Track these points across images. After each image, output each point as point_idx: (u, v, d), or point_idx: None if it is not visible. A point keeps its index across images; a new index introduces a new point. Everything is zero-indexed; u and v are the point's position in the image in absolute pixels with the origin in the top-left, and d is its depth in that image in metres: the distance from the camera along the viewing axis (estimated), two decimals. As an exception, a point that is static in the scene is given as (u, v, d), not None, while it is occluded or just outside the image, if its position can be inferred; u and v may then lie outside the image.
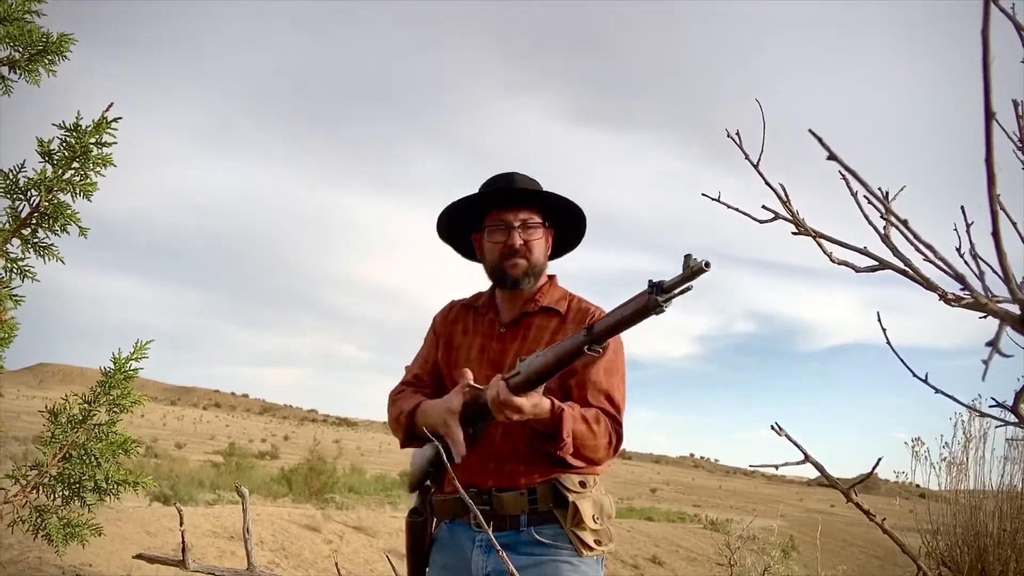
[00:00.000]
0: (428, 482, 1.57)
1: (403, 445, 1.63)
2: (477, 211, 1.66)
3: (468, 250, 1.76)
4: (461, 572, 1.49)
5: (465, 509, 1.52)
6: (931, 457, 3.82)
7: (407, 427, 1.59)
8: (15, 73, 1.52)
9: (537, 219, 1.62)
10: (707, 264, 1.10)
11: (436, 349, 1.71)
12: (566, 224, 1.70)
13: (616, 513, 1.94)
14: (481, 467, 1.51)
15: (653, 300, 1.18)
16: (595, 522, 1.47)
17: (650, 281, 1.19)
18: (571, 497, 1.46)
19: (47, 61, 1.52)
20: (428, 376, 1.70)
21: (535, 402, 1.38)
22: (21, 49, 1.50)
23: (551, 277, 1.70)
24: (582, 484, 1.49)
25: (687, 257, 1.12)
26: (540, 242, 1.63)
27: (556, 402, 1.43)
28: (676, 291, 1.17)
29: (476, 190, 1.67)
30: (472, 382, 1.46)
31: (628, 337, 1.61)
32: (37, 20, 1.51)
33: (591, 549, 1.45)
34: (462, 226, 1.71)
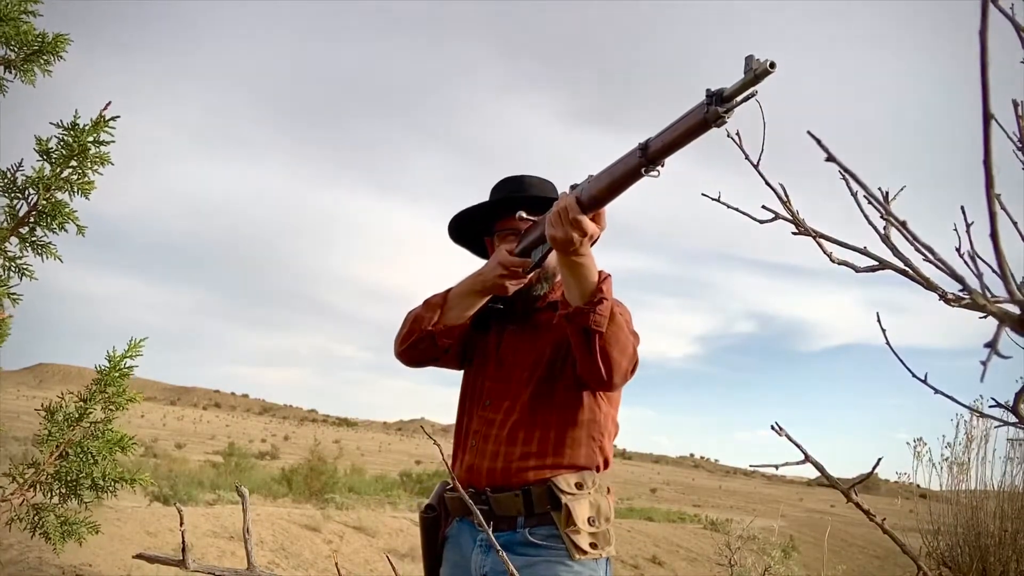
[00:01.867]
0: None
1: (430, 333, 1.55)
2: (486, 218, 1.66)
3: (481, 249, 1.77)
4: (463, 571, 1.50)
5: (469, 508, 1.52)
6: (933, 457, 3.83)
7: (442, 306, 1.55)
8: (11, 73, 1.52)
9: None
10: (772, 65, 0.95)
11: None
12: None
13: (616, 513, 1.93)
14: (476, 466, 1.51)
15: (713, 112, 1.02)
16: (590, 524, 1.44)
17: (708, 90, 1.04)
18: (564, 499, 1.44)
19: (43, 61, 1.52)
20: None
21: (594, 230, 1.27)
22: (16, 49, 1.50)
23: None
24: (578, 486, 1.47)
25: (748, 59, 0.97)
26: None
27: None
28: (738, 98, 1.01)
29: (477, 191, 1.69)
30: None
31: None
32: (33, 20, 1.50)
33: (585, 552, 1.42)
34: (474, 229, 1.71)
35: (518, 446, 1.49)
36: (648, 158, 1.16)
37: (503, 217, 1.62)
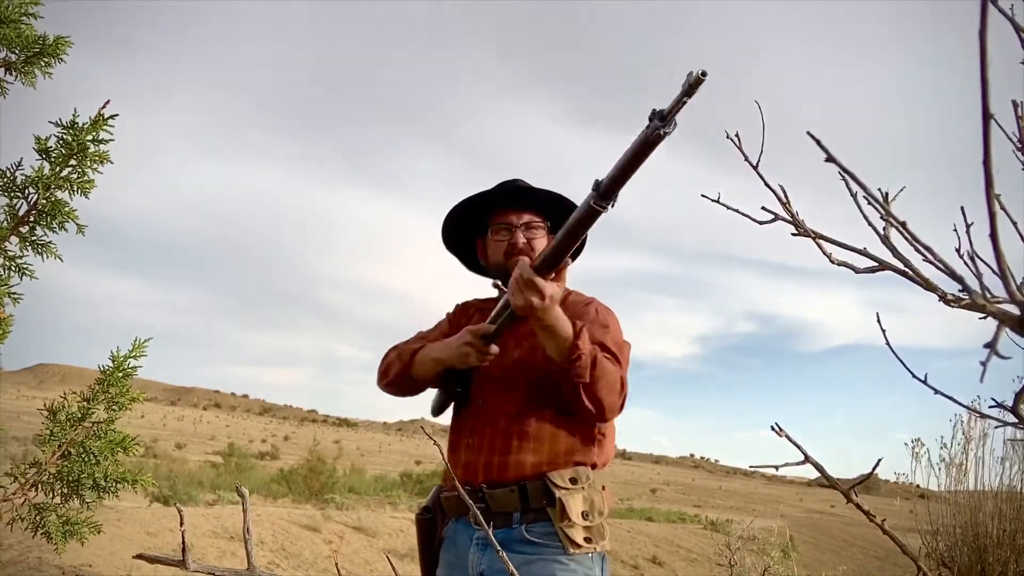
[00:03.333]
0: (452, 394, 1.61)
1: (394, 380, 1.63)
2: (480, 216, 1.67)
3: (470, 260, 1.78)
4: (461, 569, 1.50)
5: (466, 507, 1.52)
6: (931, 458, 3.83)
7: (408, 362, 1.60)
8: (11, 75, 1.52)
9: (540, 221, 1.64)
10: (703, 73, 1.03)
11: (451, 329, 1.71)
12: None
13: (616, 513, 1.94)
14: (472, 464, 1.52)
15: (654, 126, 1.09)
16: (584, 519, 1.44)
17: (653, 110, 1.10)
18: (558, 494, 1.44)
19: (43, 63, 1.52)
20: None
21: (554, 291, 1.33)
22: (17, 52, 1.50)
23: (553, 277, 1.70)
24: (573, 480, 1.47)
25: (688, 74, 1.04)
26: (543, 242, 1.63)
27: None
28: (676, 110, 1.08)
29: (468, 197, 1.69)
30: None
31: (628, 337, 1.61)
32: (34, 23, 1.50)
33: (579, 546, 1.42)
34: (465, 233, 1.72)
35: (514, 441, 1.50)
36: (601, 193, 1.20)
37: (500, 210, 1.63)
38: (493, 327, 1.48)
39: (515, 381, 1.54)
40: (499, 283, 1.48)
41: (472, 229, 1.71)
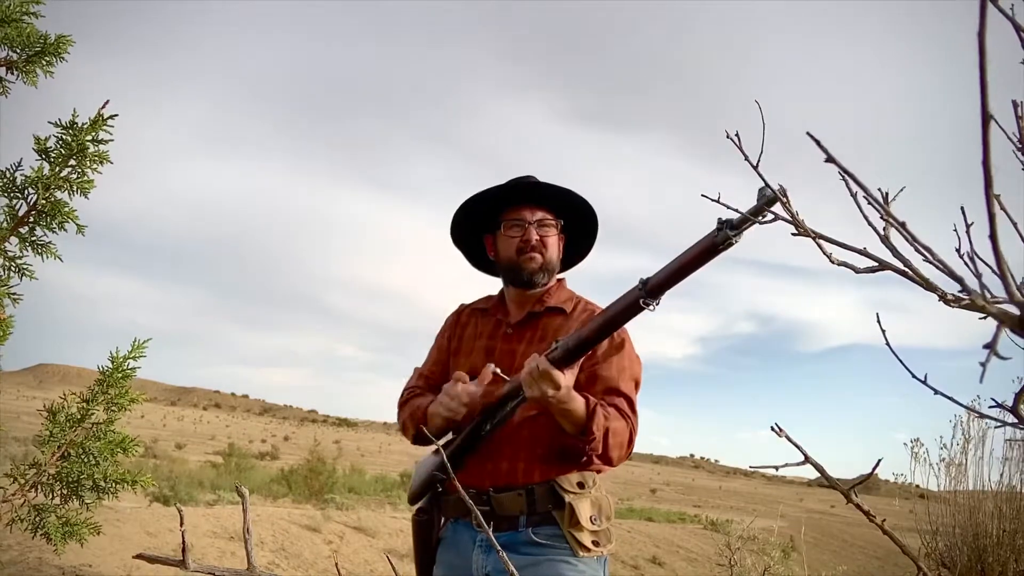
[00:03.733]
0: (437, 484, 1.57)
1: (415, 441, 1.62)
2: (492, 212, 1.66)
3: (476, 255, 1.77)
4: (463, 571, 1.50)
5: (466, 508, 1.52)
6: (930, 458, 3.83)
7: (421, 421, 1.58)
8: (12, 74, 1.52)
9: (552, 219, 1.64)
10: (784, 192, 1.02)
11: (447, 352, 1.71)
12: (579, 231, 1.71)
13: (616, 513, 1.94)
14: (479, 468, 1.51)
15: (723, 235, 1.06)
16: (592, 523, 1.46)
17: (719, 219, 1.07)
18: (568, 498, 1.45)
19: (45, 62, 1.52)
20: (438, 378, 1.68)
21: (569, 382, 1.32)
22: (18, 50, 1.50)
23: (560, 280, 1.70)
24: (580, 485, 1.48)
25: (761, 189, 1.00)
26: (555, 240, 1.64)
27: (587, 395, 1.41)
28: (747, 225, 1.04)
29: (477, 191, 1.67)
30: (497, 371, 1.44)
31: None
32: (35, 21, 1.50)
33: (588, 550, 1.44)
34: (474, 229, 1.72)
35: (523, 448, 1.50)
36: (648, 290, 1.18)
37: (512, 206, 1.63)
38: (487, 425, 1.47)
39: None
40: (499, 371, 1.45)
41: (482, 224, 1.70)
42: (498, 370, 1.45)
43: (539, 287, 1.62)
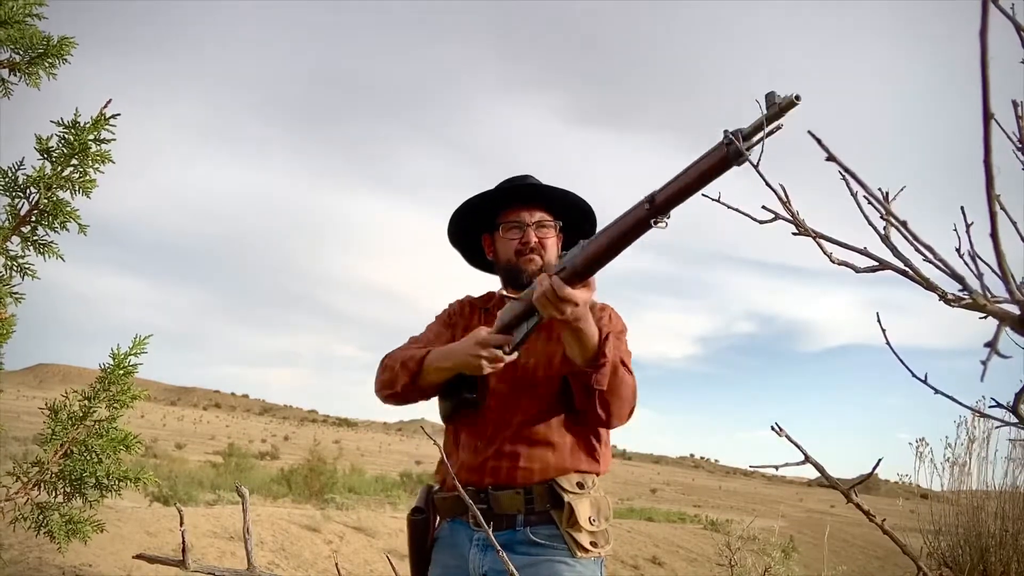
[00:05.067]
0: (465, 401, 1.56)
1: (401, 392, 1.54)
2: (490, 212, 1.66)
3: (474, 255, 1.77)
4: (460, 571, 1.49)
5: (464, 508, 1.52)
6: (934, 458, 3.83)
7: (415, 371, 1.51)
8: (15, 75, 1.52)
9: (551, 220, 1.63)
10: (797, 97, 0.91)
11: (449, 333, 1.69)
12: (578, 232, 1.71)
13: (616, 513, 1.94)
14: (478, 466, 1.51)
15: (734, 149, 0.97)
16: (591, 523, 1.46)
17: (726, 131, 0.99)
18: (567, 498, 1.45)
19: (47, 64, 1.52)
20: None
21: (586, 298, 1.26)
22: (22, 52, 1.50)
23: None
24: (580, 485, 1.48)
25: (770, 95, 0.93)
26: (553, 241, 1.63)
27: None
28: (761, 134, 0.94)
29: (478, 191, 1.67)
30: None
31: (628, 337, 1.61)
32: (38, 23, 1.51)
33: (586, 551, 1.43)
34: (472, 228, 1.71)
35: (523, 447, 1.49)
36: (656, 207, 1.11)
37: (511, 207, 1.62)
38: (507, 337, 1.41)
39: (527, 388, 1.53)
40: (507, 292, 1.44)
41: (480, 224, 1.69)
42: (505, 292, 1.44)
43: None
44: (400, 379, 1.54)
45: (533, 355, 1.56)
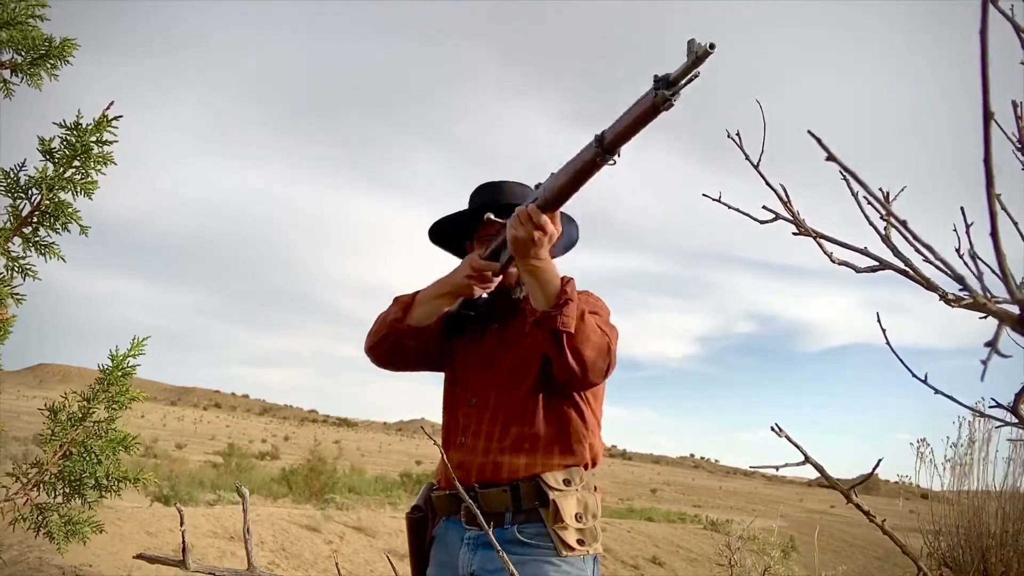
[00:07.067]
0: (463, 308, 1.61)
1: (390, 329, 1.59)
2: (466, 223, 1.66)
3: (462, 252, 1.77)
4: (452, 569, 1.50)
5: (457, 507, 1.53)
6: (935, 458, 3.82)
7: (408, 303, 1.58)
8: (17, 76, 1.52)
9: None
10: (712, 46, 1.02)
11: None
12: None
13: (616, 513, 1.93)
14: (465, 463, 1.51)
15: (661, 96, 1.08)
16: (578, 521, 1.44)
17: (655, 76, 1.09)
18: (552, 495, 1.44)
19: (49, 65, 1.52)
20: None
21: (552, 230, 1.34)
22: (23, 53, 1.50)
23: None
24: (566, 482, 1.47)
25: (690, 43, 1.04)
26: None
27: None
28: (683, 81, 1.07)
29: (471, 195, 1.68)
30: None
31: (628, 338, 1.61)
32: (40, 24, 1.51)
33: (572, 549, 1.42)
34: (455, 233, 1.72)
35: (507, 442, 1.49)
36: (604, 148, 1.20)
37: (483, 225, 1.62)
38: (494, 264, 1.49)
39: (510, 381, 1.54)
40: (492, 216, 1.47)
41: (462, 231, 1.70)
42: (492, 215, 1.47)
43: (519, 294, 1.62)
44: (391, 314, 1.60)
45: (515, 351, 1.56)
